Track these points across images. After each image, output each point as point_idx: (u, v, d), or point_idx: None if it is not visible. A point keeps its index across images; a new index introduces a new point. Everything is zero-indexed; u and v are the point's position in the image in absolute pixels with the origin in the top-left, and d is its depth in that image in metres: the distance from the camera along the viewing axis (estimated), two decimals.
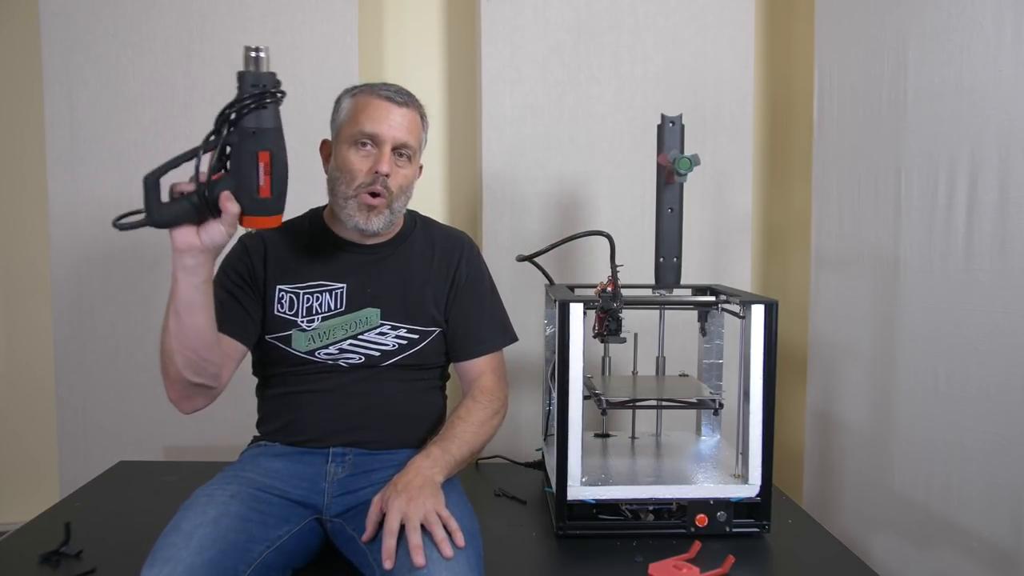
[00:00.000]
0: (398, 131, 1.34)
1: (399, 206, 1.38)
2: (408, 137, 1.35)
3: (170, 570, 1.03)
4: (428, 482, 1.19)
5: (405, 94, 1.38)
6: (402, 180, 1.37)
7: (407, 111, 1.36)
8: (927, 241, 1.61)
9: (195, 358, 1.20)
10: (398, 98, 1.36)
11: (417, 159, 1.41)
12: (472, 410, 1.39)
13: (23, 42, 2.08)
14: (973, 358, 1.50)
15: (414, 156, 1.39)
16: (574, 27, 2.08)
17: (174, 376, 1.23)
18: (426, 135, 1.44)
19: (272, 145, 1.10)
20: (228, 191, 1.09)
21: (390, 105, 1.35)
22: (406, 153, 1.36)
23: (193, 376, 1.22)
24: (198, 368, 1.22)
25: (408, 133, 1.35)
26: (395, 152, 1.35)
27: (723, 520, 1.42)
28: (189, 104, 1.99)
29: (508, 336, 1.52)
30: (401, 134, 1.34)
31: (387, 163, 1.32)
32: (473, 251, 1.53)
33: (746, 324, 1.42)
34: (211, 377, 1.25)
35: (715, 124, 2.12)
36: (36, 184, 2.05)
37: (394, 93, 1.36)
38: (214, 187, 1.08)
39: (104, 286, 2.01)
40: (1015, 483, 1.40)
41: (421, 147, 1.42)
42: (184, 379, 1.22)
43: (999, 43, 1.44)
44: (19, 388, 2.19)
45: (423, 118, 1.42)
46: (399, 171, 1.36)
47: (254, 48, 1.09)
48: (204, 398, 1.29)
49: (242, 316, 1.36)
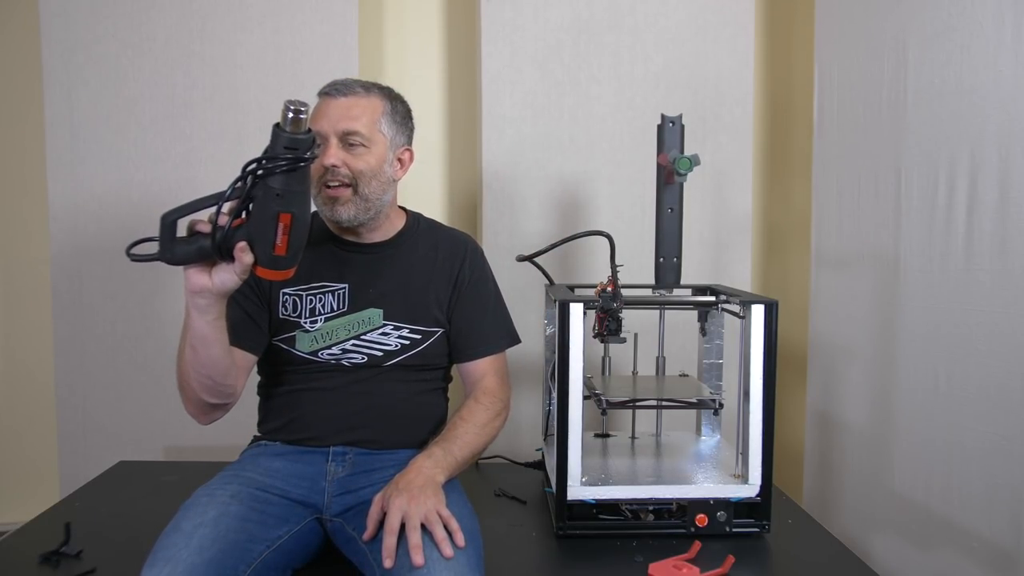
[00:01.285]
0: (337, 122, 1.33)
1: (371, 191, 1.36)
2: (351, 124, 1.34)
3: (170, 570, 1.03)
4: (429, 482, 1.19)
5: (346, 84, 1.36)
6: (362, 165, 1.35)
7: (348, 99, 1.35)
8: (927, 241, 1.61)
9: (211, 384, 1.25)
10: (338, 90, 1.35)
11: (379, 143, 1.37)
12: (474, 411, 1.39)
13: (23, 42, 2.08)
14: (973, 358, 1.50)
15: (371, 141, 1.36)
16: (574, 27, 2.08)
17: (192, 397, 1.28)
18: (398, 118, 1.41)
19: (296, 208, 1.09)
20: (244, 242, 1.08)
21: (328, 100, 1.35)
22: (355, 140, 1.34)
23: (210, 398, 1.28)
24: (214, 391, 1.27)
25: (350, 120, 1.34)
26: (344, 142, 1.34)
27: (723, 520, 1.42)
28: (189, 104, 1.99)
29: (511, 338, 1.53)
30: (342, 123, 1.33)
31: (330, 155, 1.32)
32: (477, 253, 1.53)
33: (746, 324, 1.42)
34: (227, 396, 1.30)
35: (715, 124, 2.12)
36: (36, 184, 2.05)
37: (332, 86, 1.36)
38: (232, 234, 1.07)
39: (104, 286, 2.00)
40: (1015, 483, 1.40)
41: (383, 131, 1.38)
42: (202, 400, 1.28)
43: (999, 43, 1.44)
44: (19, 388, 2.19)
45: (388, 100, 1.40)
46: (356, 158, 1.34)
47: (294, 106, 1.05)
48: (222, 411, 1.34)
49: (252, 328, 1.37)
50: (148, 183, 1.98)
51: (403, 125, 1.43)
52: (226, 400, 1.31)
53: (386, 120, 1.38)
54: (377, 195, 1.38)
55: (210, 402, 1.28)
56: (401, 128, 1.42)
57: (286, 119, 1.05)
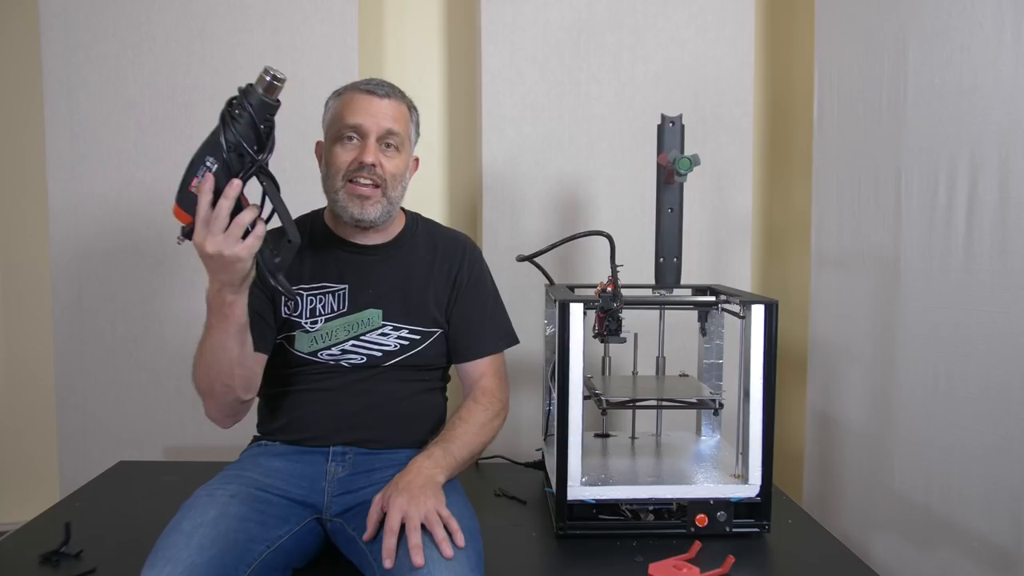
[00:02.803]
0: (382, 120, 1.35)
1: (395, 196, 1.39)
2: (393, 124, 1.36)
3: (171, 569, 1.03)
4: (429, 482, 1.19)
5: (387, 86, 1.39)
6: (393, 168, 1.37)
7: (390, 101, 1.37)
8: (927, 241, 1.61)
9: (248, 374, 1.29)
10: (380, 90, 1.37)
11: (407, 149, 1.42)
12: (473, 412, 1.39)
13: (23, 42, 2.08)
14: (973, 358, 1.50)
15: (403, 146, 1.39)
16: (574, 27, 2.08)
17: (225, 400, 1.29)
18: (416, 128, 1.45)
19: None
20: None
21: (371, 97, 1.36)
22: (393, 142, 1.37)
23: (245, 393, 1.30)
24: (250, 384, 1.31)
25: (393, 121, 1.36)
26: (381, 142, 1.35)
27: (723, 520, 1.41)
28: (189, 104, 1.99)
29: (509, 338, 1.53)
30: (386, 122, 1.35)
31: (372, 153, 1.34)
32: (475, 253, 1.53)
33: (746, 324, 1.42)
34: (255, 388, 1.34)
35: (715, 124, 2.12)
36: (36, 184, 2.05)
37: (375, 86, 1.38)
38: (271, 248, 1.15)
39: (104, 286, 2.00)
40: (1015, 483, 1.40)
41: (411, 138, 1.43)
42: (238, 399, 1.30)
43: (999, 43, 1.44)
44: (19, 388, 2.19)
45: (412, 110, 1.44)
46: (388, 160, 1.36)
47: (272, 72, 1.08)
48: (245, 408, 1.35)
49: (264, 328, 1.37)
50: (148, 183, 1.98)
51: (417, 133, 1.47)
52: (254, 395, 1.34)
53: (413, 127, 1.44)
54: (398, 198, 1.41)
55: (244, 399, 1.31)
56: (417, 136, 1.47)
57: (262, 82, 1.08)
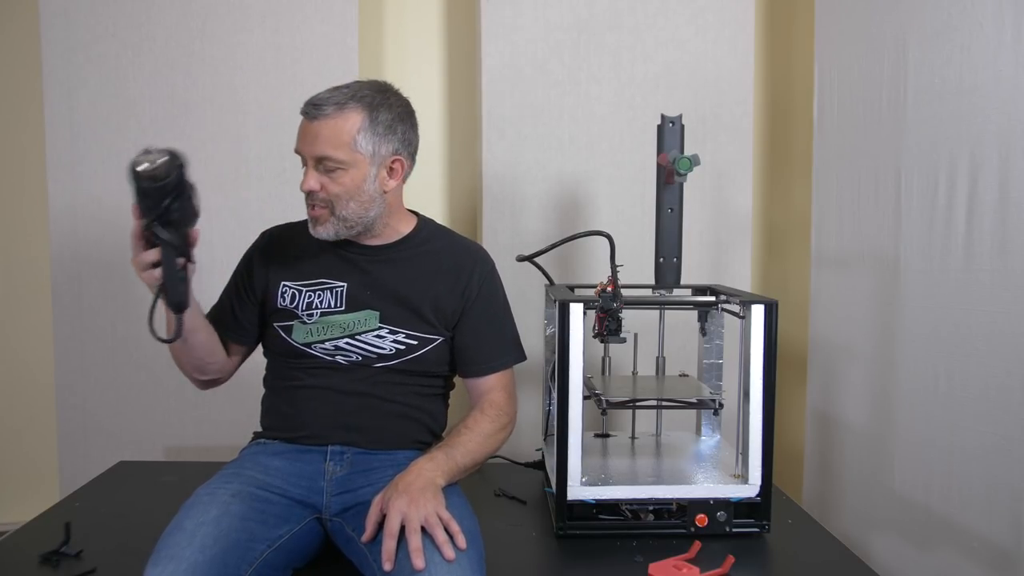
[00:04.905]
0: (310, 146, 1.30)
1: (349, 212, 1.33)
2: (324, 149, 1.29)
3: (173, 568, 1.03)
4: (429, 484, 1.19)
5: (323, 101, 1.30)
6: (337, 189, 1.31)
7: (319, 122, 1.29)
8: (927, 241, 1.61)
9: (199, 363, 1.41)
10: (312, 111, 1.30)
11: (358, 163, 1.31)
12: (479, 421, 1.39)
13: (23, 42, 2.08)
14: (973, 358, 1.50)
15: (346, 163, 1.30)
16: (574, 27, 2.08)
17: (186, 373, 1.45)
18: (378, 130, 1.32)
19: None
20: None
21: (305, 122, 1.32)
22: (330, 165, 1.30)
23: (200, 375, 1.44)
24: (203, 369, 1.43)
25: (324, 145, 1.29)
26: (320, 166, 1.31)
27: (723, 520, 1.42)
28: (189, 104, 1.99)
29: (519, 354, 1.51)
30: (315, 149, 1.30)
31: (308, 181, 1.32)
32: (488, 266, 1.49)
33: (746, 324, 1.42)
34: (216, 372, 1.45)
35: (715, 124, 2.12)
36: (36, 184, 2.05)
37: (310, 106, 1.31)
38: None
39: (104, 286, 2.00)
40: (1015, 483, 1.40)
41: (361, 150, 1.31)
42: (194, 376, 1.45)
43: (999, 43, 1.44)
44: (19, 388, 2.19)
45: (370, 112, 1.31)
46: (333, 182, 1.31)
47: (135, 161, 1.19)
48: (214, 384, 1.49)
49: (236, 323, 1.45)
50: None
51: (387, 135, 1.33)
52: (215, 376, 1.45)
53: (364, 136, 1.30)
54: (359, 214, 1.35)
55: (201, 379, 1.44)
56: (385, 139, 1.33)
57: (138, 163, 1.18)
